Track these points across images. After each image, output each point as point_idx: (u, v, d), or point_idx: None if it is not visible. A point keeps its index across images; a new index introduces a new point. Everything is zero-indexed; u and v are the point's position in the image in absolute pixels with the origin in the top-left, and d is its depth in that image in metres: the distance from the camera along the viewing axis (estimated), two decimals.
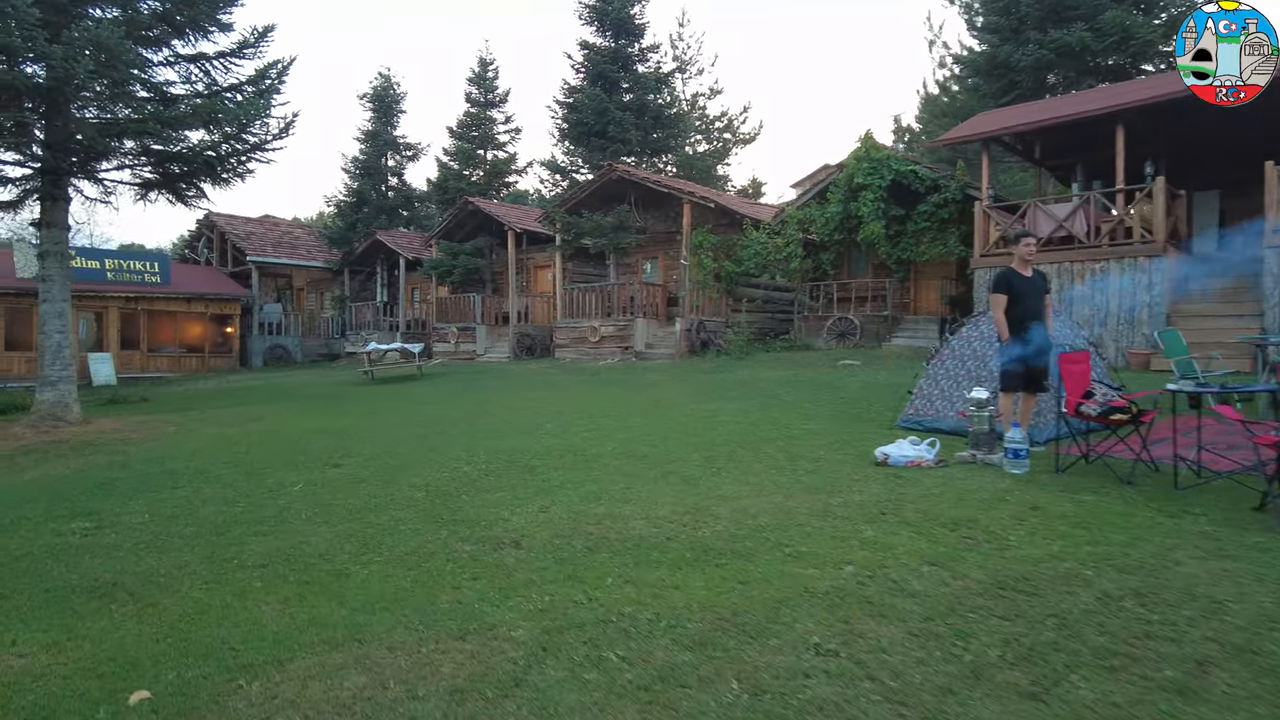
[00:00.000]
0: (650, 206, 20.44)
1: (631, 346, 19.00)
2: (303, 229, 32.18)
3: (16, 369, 22.25)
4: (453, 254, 23.29)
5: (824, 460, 6.24)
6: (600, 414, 9.80)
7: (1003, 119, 14.15)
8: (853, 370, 13.58)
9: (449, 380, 17.08)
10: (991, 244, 13.69)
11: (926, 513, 4.62)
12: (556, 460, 6.69)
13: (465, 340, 23.11)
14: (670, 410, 9.97)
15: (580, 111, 21.20)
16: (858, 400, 10.10)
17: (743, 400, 10.65)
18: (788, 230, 18.14)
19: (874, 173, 16.60)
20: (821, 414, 9.07)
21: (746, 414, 9.29)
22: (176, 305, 25.69)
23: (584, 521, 4.62)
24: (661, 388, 12.87)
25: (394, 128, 30.61)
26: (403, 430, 9.29)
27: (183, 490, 6.36)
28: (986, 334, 7.74)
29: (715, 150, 28.20)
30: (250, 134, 11.59)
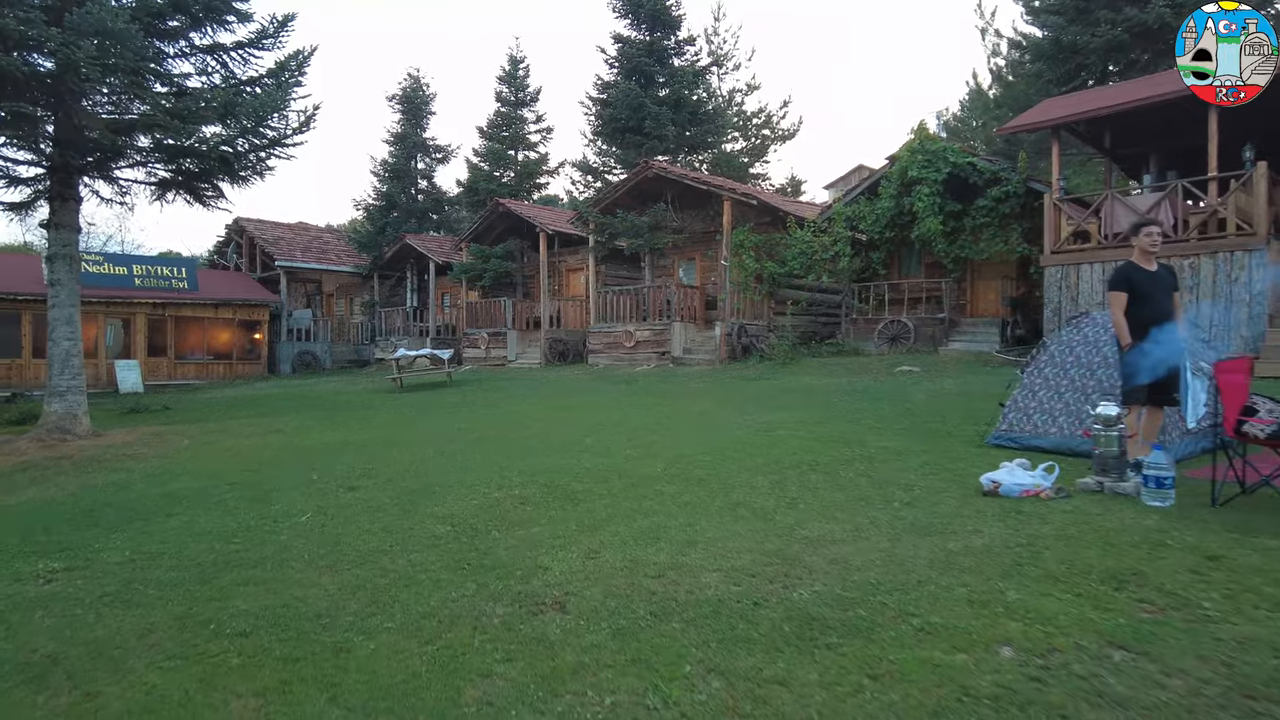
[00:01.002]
0: (687, 205, 19.54)
1: (668, 352, 18.11)
2: (332, 234, 31.76)
3: (44, 376, 21.94)
4: (483, 257, 22.60)
5: (919, 489, 5.28)
6: (642, 427, 8.91)
7: (1074, 104, 13.05)
8: (913, 377, 12.54)
9: (479, 388, 16.32)
10: (1064, 239, 12.58)
11: (1073, 564, 3.66)
12: (600, 484, 5.80)
13: (496, 346, 22.38)
14: (719, 423, 9.05)
15: (614, 107, 20.36)
16: (929, 412, 9.09)
17: (798, 411, 9.69)
18: (835, 228, 17.12)
19: (929, 165, 15.53)
20: (893, 428, 8.09)
21: (807, 428, 8.34)
22: (204, 311, 25.31)
23: (643, 573, 3.73)
24: (705, 396, 11.95)
25: (423, 130, 30.09)
26: (429, 445, 8.48)
27: (177, 519, 5.59)
28: (1090, 338, 6.73)
29: (752, 147, 27.23)
30: (269, 128, 10.90)
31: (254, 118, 10.24)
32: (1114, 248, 11.93)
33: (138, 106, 10.63)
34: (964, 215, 15.80)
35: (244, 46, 11.24)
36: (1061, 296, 12.44)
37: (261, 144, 11.20)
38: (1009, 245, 15.35)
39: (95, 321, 22.62)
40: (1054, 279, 12.56)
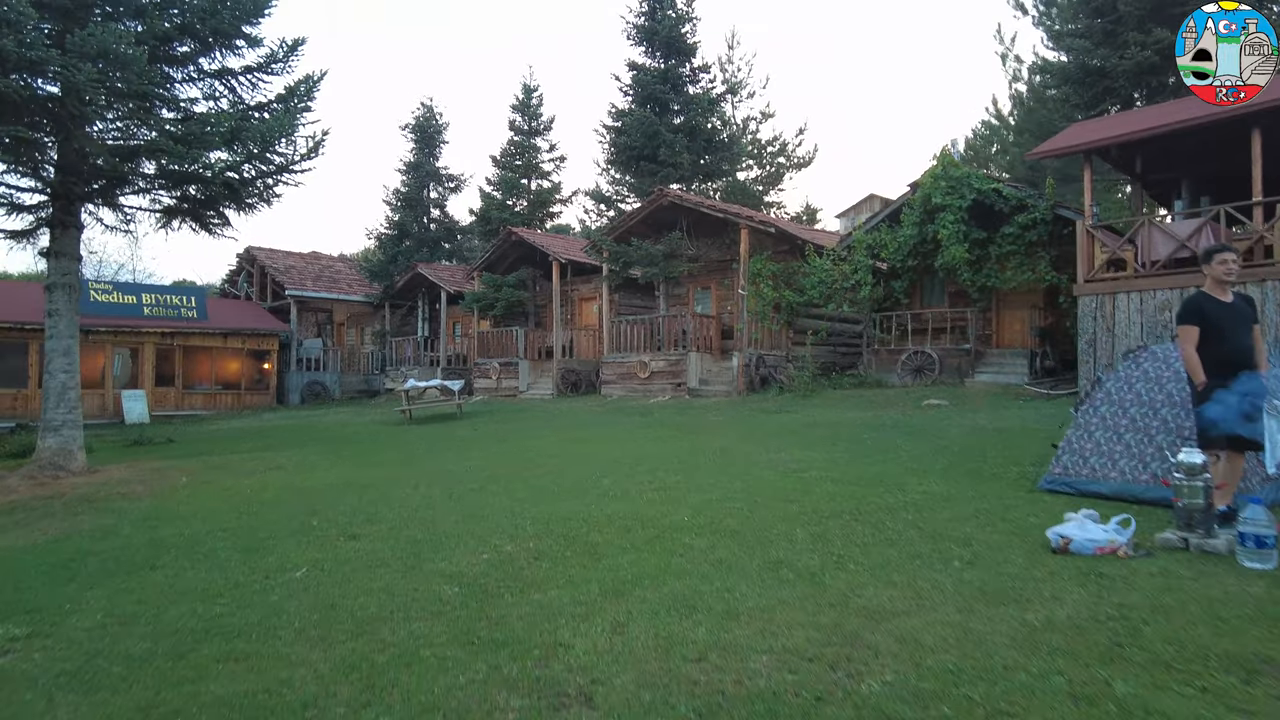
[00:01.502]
0: (703, 233, 19.18)
1: (684, 383, 17.63)
2: (344, 262, 31.62)
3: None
4: (495, 286, 22.27)
5: (978, 543, 4.76)
6: (662, 465, 8.41)
7: (1106, 128, 12.62)
8: (943, 412, 12.01)
9: (491, 420, 15.87)
10: (1098, 268, 12.08)
11: (1183, 644, 3.13)
12: (622, 535, 5.30)
13: (507, 376, 21.96)
14: (743, 461, 8.54)
15: (629, 135, 20.11)
16: (967, 451, 8.56)
17: (827, 449, 9.18)
18: (855, 256, 16.69)
19: (953, 192, 15.11)
20: (932, 469, 7.56)
21: (839, 468, 7.83)
22: (213, 341, 25.07)
23: (680, 654, 3.22)
24: (725, 431, 11.45)
25: (436, 159, 30.00)
26: (437, 486, 8.00)
27: (161, 572, 5.12)
28: (1152, 373, 6.22)
29: (767, 175, 26.96)
30: (276, 154, 10.59)
31: (261, 143, 9.93)
32: (1151, 276, 11.44)
33: (143, 132, 10.37)
34: (989, 243, 15.34)
35: (253, 71, 10.99)
36: (1096, 327, 11.92)
37: (268, 170, 10.89)
38: (1037, 274, 14.86)
39: (103, 351, 22.39)
40: (1088, 309, 12.05)
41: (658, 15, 20.43)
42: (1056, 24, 18.42)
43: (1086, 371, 11.99)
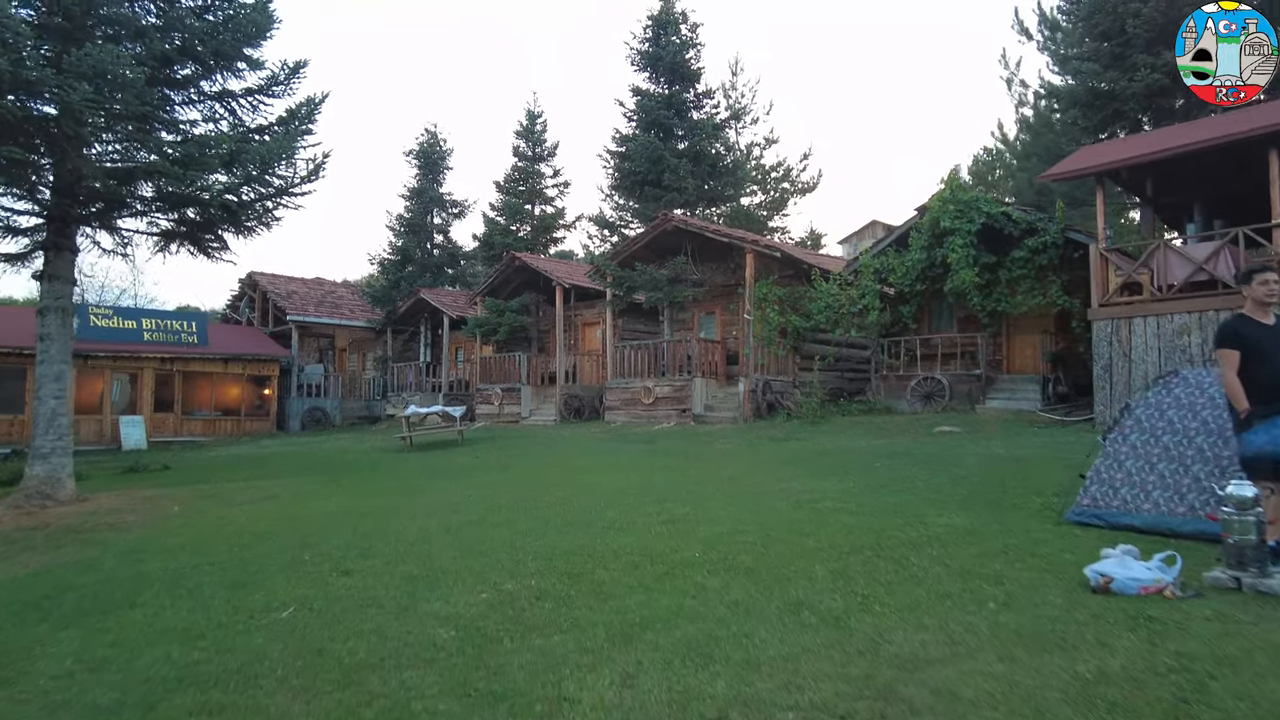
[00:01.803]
0: (707, 258, 18.99)
1: (689, 409, 17.34)
2: (346, 288, 31.50)
3: None
4: (498, 311, 22.08)
5: (1010, 581, 4.45)
6: (670, 495, 8.10)
7: (1118, 150, 12.45)
8: (956, 439, 11.70)
9: (493, 447, 15.58)
10: (1112, 292, 11.83)
11: (1256, 702, 2.83)
12: (630, 573, 5.00)
13: (510, 402, 21.68)
14: (754, 490, 8.24)
15: (633, 160, 20.01)
16: (985, 480, 8.25)
17: (839, 478, 8.87)
18: (863, 280, 16.46)
19: (962, 216, 14.91)
20: (951, 499, 7.25)
21: (854, 498, 7.52)
22: (213, 366, 24.86)
23: (697, 712, 2.92)
24: (733, 459, 11.15)
25: (440, 184, 29.98)
26: (435, 517, 7.70)
27: (140, 611, 4.82)
28: (1184, 400, 5.93)
29: (771, 200, 26.87)
30: (276, 176, 10.42)
31: (260, 165, 9.75)
32: (1169, 300, 11.19)
33: (142, 155, 10.21)
34: (999, 267, 15.12)
35: (254, 94, 10.86)
36: (1113, 352, 11.64)
37: (268, 193, 10.71)
38: (1048, 298, 14.61)
39: (102, 376, 22.18)
40: (1103, 333, 11.78)
41: (662, 41, 20.44)
42: (1062, 48, 18.35)
43: (1103, 398, 11.70)
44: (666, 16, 20.50)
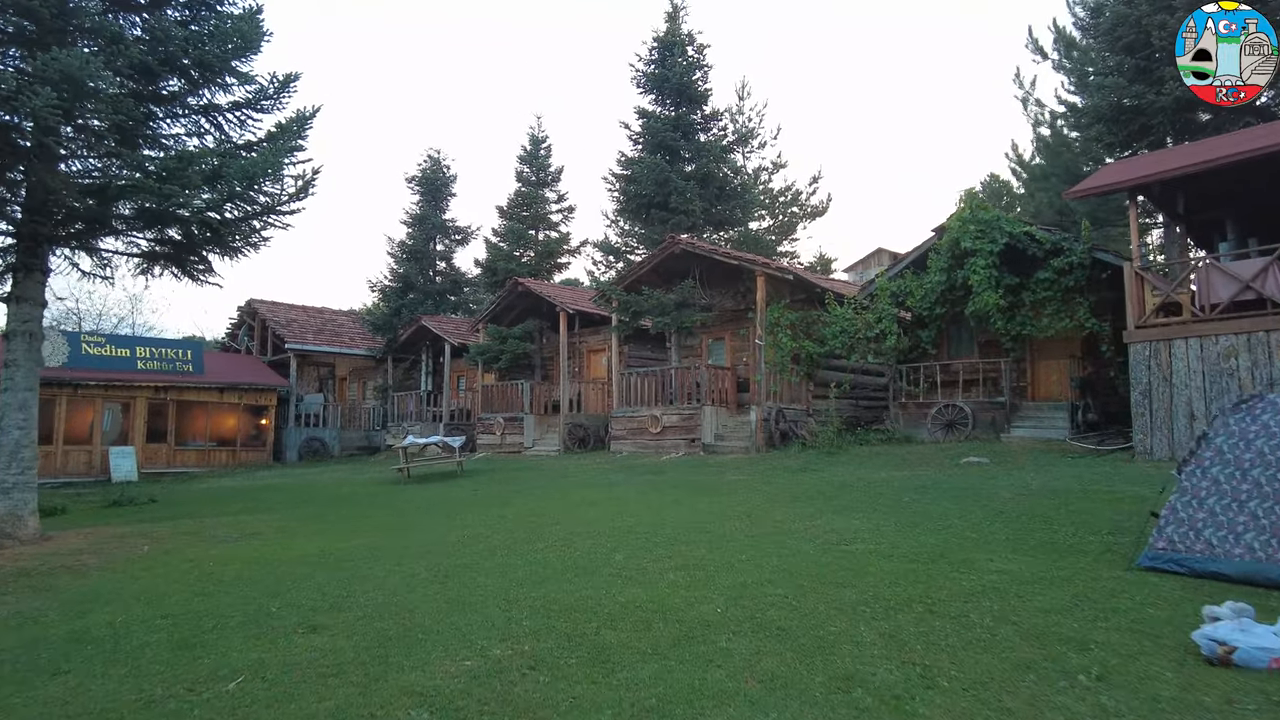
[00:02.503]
0: (715, 282, 18.37)
1: (698, 438, 16.59)
2: (347, 316, 30.93)
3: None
4: (500, 338, 21.44)
5: (1098, 647, 3.70)
6: (683, 536, 7.37)
7: (1149, 165, 11.80)
8: (985, 471, 10.92)
9: (493, 480, 14.84)
10: (1149, 313, 11.12)
11: None
12: (641, 633, 4.26)
13: (512, 431, 20.95)
14: (776, 529, 7.50)
15: (639, 183, 19.46)
16: (1029, 517, 7.49)
17: (868, 514, 8.12)
18: (879, 304, 15.79)
19: (983, 236, 14.27)
20: (997, 540, 6.51)
21: (887, 538, 6.78)
22: (209, 395, 24.21)
23: None
24: (749, 492, 10.39)
25: (443, 211, 29.53)
26: (423, 560, 6.96)
27: (62, 682, 4.09)
28: (1274, 428, 5.20)
29: (779, 225, 26.31)
30: (262, 193, 9.83)
31: (245, 181, 9.16)
32: (1212, 320, 10.47)
33: (121, 171, 9.64)
34: (1022, 289, 14.44)
35: (241, 108, 10.31)
36: (1151, 376, 10.90)
37: (254, 211, 10.11)
38: (1075, 321, 13.90)
39: (92, 406, 21.54)
40: (1140, 357, 11.05)
41: (668, 63, 20.01)
42: (1079, 65, 17.83)
43: (1142, 425, 10.93)
44: (673, 38, 20.10)
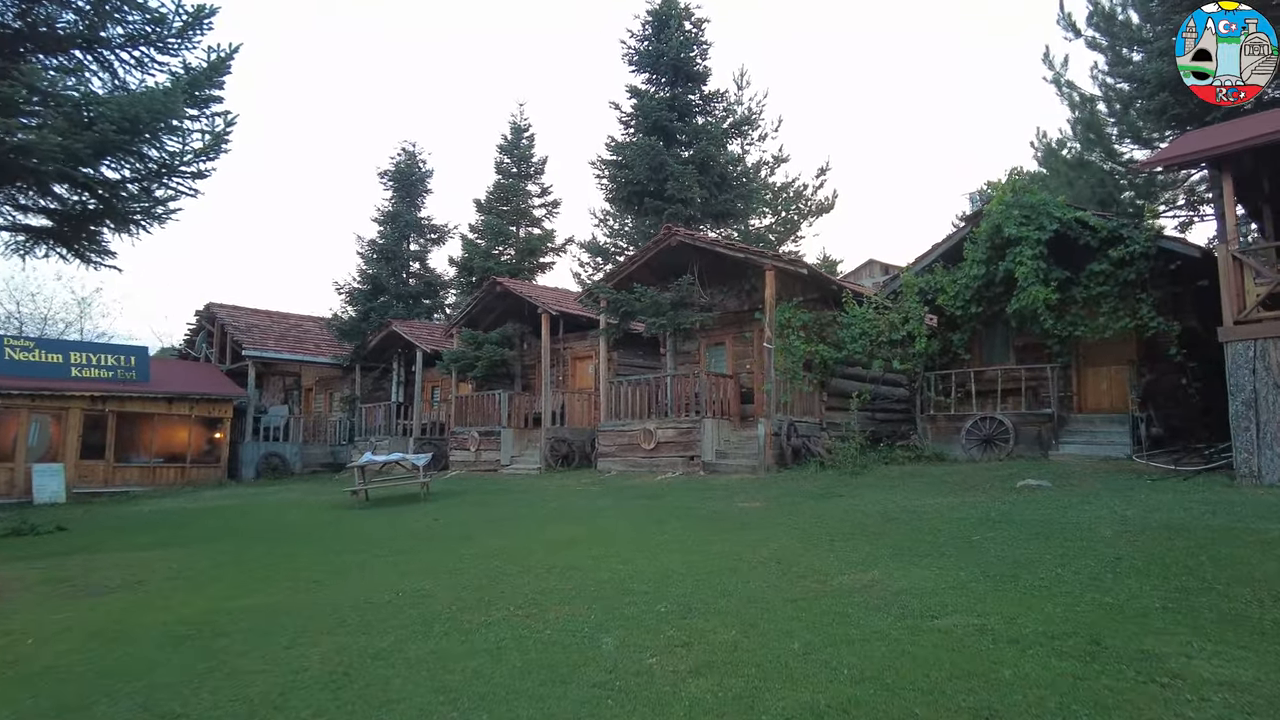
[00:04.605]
0: (716, 280, 16.37)
1: (698, 456, 14.54)
2: (314, 322, 28.69)
3: None
4: (475, 344, 19.30)
5: None
6: (698, 599, 5.31)
7: (1244, 130, 9.89)
8: (1054, 498, 8.90)
9: (460, 504, 12.73)
10: (1251, 306, 9.19)
11: None
12: None
13: (487, 447, 18.81)
14: (818, 585, 5.47)
15: (631, 168, 17.41)
16: (1162, 569, 5.50)
17: (934, 561, 6.10)
18: (906, 302, 13.81)
19: (1029, 221, 12.35)
20: (1150, 610, 4.53)
21: (986, 603, 4.77)
22: (155, 406, 21.91)
23: None
24: (768, 527, 8.33)
25: (418, 208, 27.41)
26: (331, 637, 4.88)
27: None
28: None
29: (782, 221, 24.39)
30: (154, 145, 7.74)
31: (125, 126, 7.07)
32: None
33: None
34: (1072, 284, 12.54)
35: (139, 42, 8.22)
36: (1257, 383, 8.96)
37: (148, 170, 8.01)
38: (1137, 319, 11.99)
39: (16, 418, 19.24)
40: (1242, 359, 9.10)
41: (663, 36, 18.03)
42: (1117, 43, 16.04)
43: (1246, 441, 8.98)
44: (668, 11, 18.15)
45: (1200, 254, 11.74)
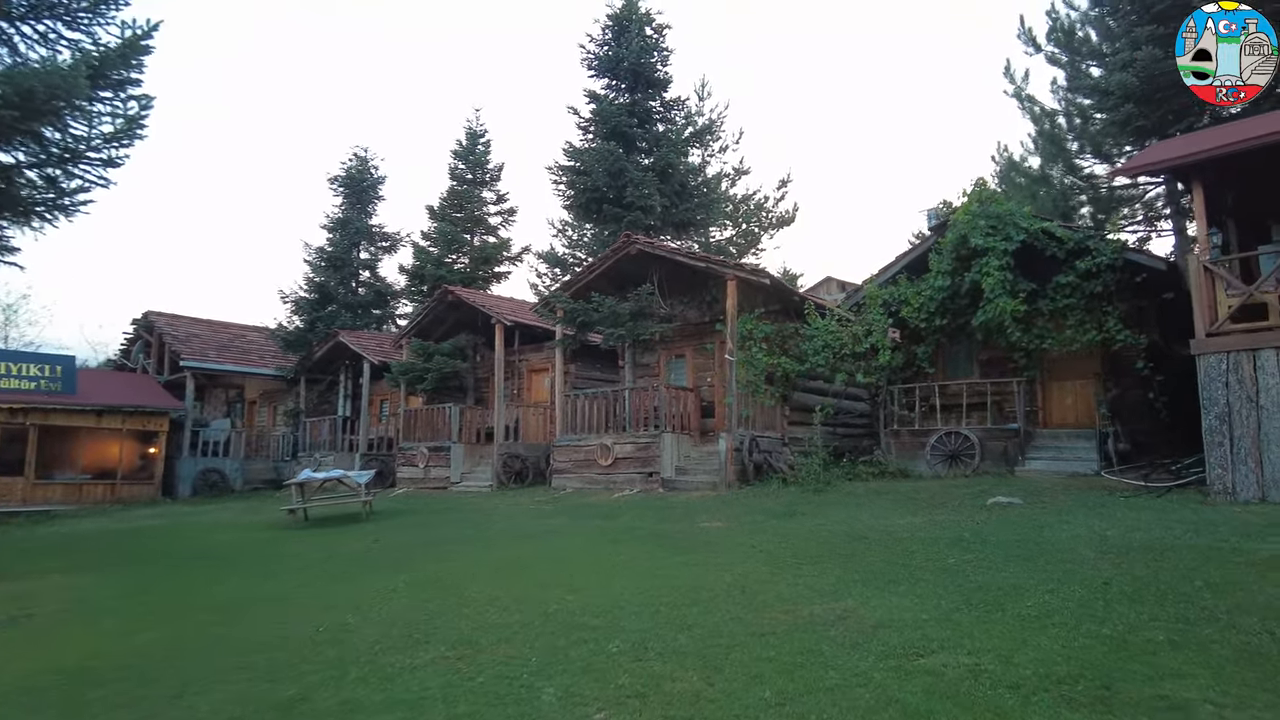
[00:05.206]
0: (677, 290, 15.89)
1: (657, 472, 13.97)
2: (258, 332, 27.53)
3: None
4: (425, 355, 18.52)
5: None
6: (656, 636, 4.73)
7: (1213, 139, 9.74)
8: (1027, 516, 8.52)
9: (403, 525, 11.97)
10: (1223, 318, 8.96)
11: None
12: None
13: (437, 463, 18.00)
14: (789, 619, 4.94)
15: (589, 174, 16.88)
16: (1157, 595, 5.10)
17: (911, 588, 5.62)
18: (869, 314, 13.46)
19: (995, 232, 12.10)
20: (1157, 643, 4.07)
21: (973, 638, 4.29)
22: (83, 420, 20.65)
23: None
24: (733, 549, 7.79)
25: (369, 215, 26.54)
26: (226, 686, 4.19)
27: None
28: None
29: (741, 234, 24.06)
30: (60, 129, 6.96)
31: (15, 102, 6.30)
32: None
33: None
34: (1039, 296, 12.32)
35: (44, 13, 7.45)
36: (1231, 396, 8.71)
37: (52, 155, 7.23)
38: (1104, 333, 11.78)
39: None
40: (1215, 372, 8.86)
41: (623, 41, 17.59)
42: (1077, 59, 16.05)
43: (1220, 457, 8.71)
44: (629, 15, 17.72)
45: (1166, 266, 11.59)
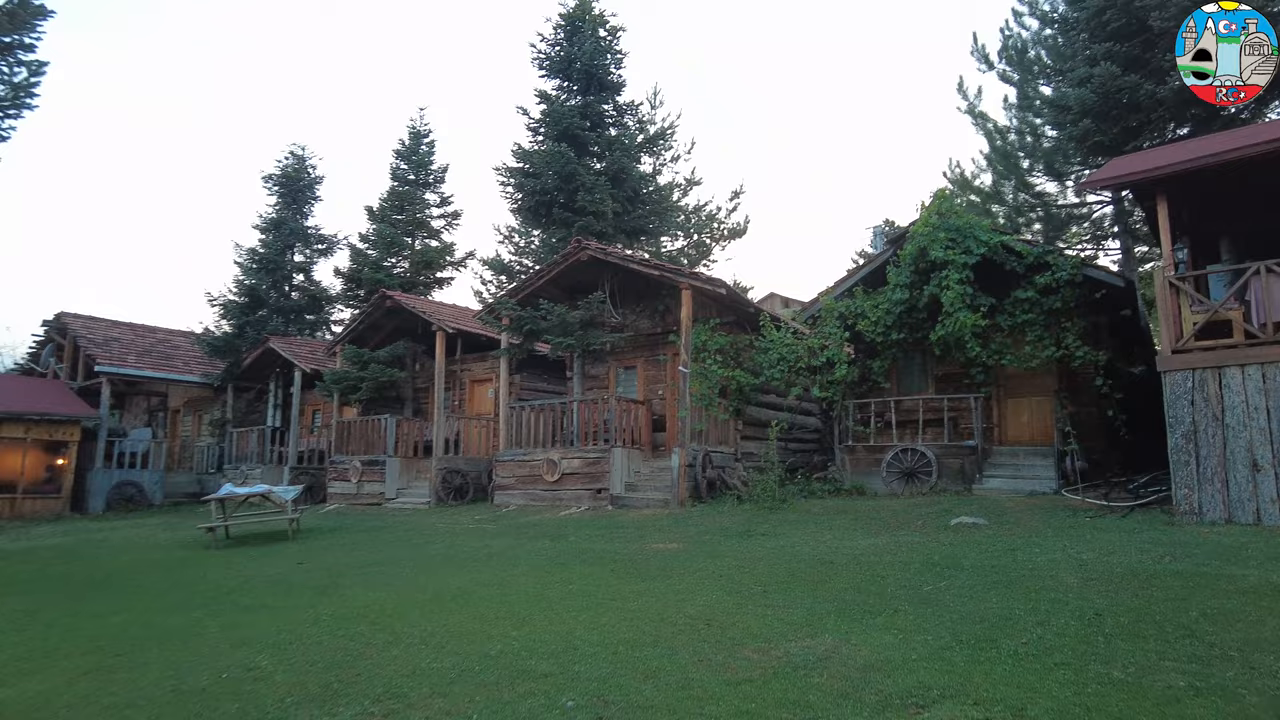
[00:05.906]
0: (629, 299, 15.34)
1: (606, 489, 13.35)
2: (184, 337, 26.00)
3: None
4: (360, 363, 17.54)
5: None
6: (616, 687, 4.13)
7: (1177, 154, 9.62)
8: (996, 538, 8.16)
9: (330, 545, 11.09)
10: (1189, 335, 8.79)
11: None
12: None
13: (371, 478, 17.02)
14: (767, 663, 4.38)
15: (539, 177, 16.23)
16: (1157, 628, 4.72)
17: (889, 619, 5.12)
18: (825, 327, 13.11)
19: (955, 245, 11.86)
20: (1178, 691, 3.60)
21: (974, 684, 3.78)
22: None
23: None
24: (690, 574, 7.21)
25: (305, 216, 25.34)
26: None
27: None
28: None
29: (694, 244, 23.67)
30: None
31: None
32: (1276, 343, 8.20)
33: None
34: (998, 311, 12.11)
35: None
36: (1197, 415, 8.52)
37: None
38: (1064, 349, 11.61)
39: None
40: (1180, 390, 8.67)
41: (575, 41, 17.06)
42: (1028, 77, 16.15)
43: (1186, 476, 8.50)
44: (581, 15, 17.21)
45: (1124, 283, 11.50)
